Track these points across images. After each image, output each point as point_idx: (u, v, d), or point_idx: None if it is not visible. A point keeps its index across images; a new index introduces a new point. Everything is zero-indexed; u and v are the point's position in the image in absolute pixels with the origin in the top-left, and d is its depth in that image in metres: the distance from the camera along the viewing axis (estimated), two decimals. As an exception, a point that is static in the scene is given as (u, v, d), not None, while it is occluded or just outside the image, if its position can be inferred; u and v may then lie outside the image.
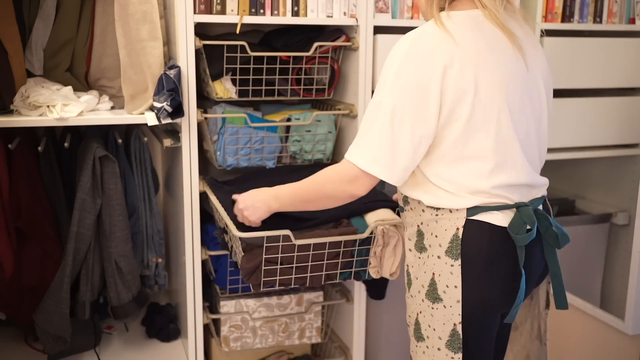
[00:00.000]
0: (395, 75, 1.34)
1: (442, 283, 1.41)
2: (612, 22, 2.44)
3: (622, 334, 2.06)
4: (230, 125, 2.06)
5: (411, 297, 1.50)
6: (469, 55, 1.33)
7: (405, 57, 1.34)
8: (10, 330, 2.29)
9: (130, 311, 2.11)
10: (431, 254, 1.43)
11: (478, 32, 1.37)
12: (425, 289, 1.44)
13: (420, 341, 1.47)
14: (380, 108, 1.34)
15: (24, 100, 1.90)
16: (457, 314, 1.39)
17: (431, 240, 1.43)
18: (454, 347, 1.41)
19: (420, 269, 1.46)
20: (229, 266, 2.11)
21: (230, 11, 1.96)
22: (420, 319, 1.46)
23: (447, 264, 1.39)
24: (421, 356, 1.47)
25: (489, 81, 1.33)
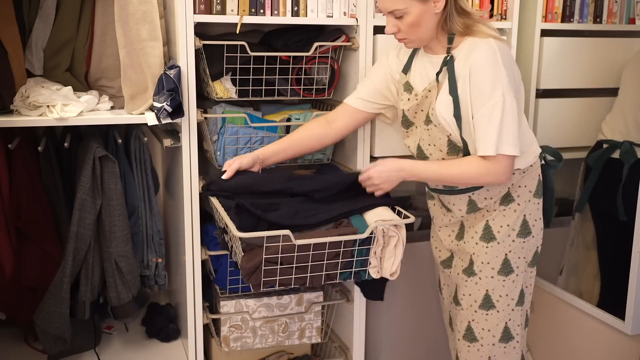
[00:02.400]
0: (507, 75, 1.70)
1: (531, 219, 1.86)
2: (612, 22, 2.44)
3: (622, 334, 2.06)
4: (230, 125, 2.05)
5: (497, 244, 1.84)
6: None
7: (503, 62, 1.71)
8: (10, 330, 2.29)
9: (130, 311, 2.11)
10: (521, 201, 1.85)
11: None
12: (516, 231, 1.85)
13: (510, 274, 1.86)
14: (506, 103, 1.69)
15: (24, 100, 1.90)
16: (540, 238, 1.92)
17: (519, 191, 1.85)
18: (533, 264, 1.92)
19: (507, 218, 1.84)
20: (229, 266, 2.11)
21: (230, 11, 1.96)
22: (510, 257, 1.85)
23: (535, 203, 1.88)
24: (509, 285, 1.86)
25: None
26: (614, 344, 2.10)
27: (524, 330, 1.95)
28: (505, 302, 1.87)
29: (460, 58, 1.74)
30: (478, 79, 1.70)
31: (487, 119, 1.69)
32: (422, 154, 1.89)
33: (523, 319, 1.93)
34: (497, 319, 1.87)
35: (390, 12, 1.74)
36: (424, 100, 1.82)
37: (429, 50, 1.84)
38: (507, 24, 2.27)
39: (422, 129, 1.85)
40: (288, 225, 1.74)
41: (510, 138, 1.69)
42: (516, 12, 2.27)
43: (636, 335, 2.03)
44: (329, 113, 2.05)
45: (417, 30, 1.75)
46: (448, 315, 2.06)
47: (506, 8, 2.26)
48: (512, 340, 1.89)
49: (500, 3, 2.25)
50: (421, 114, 1.85)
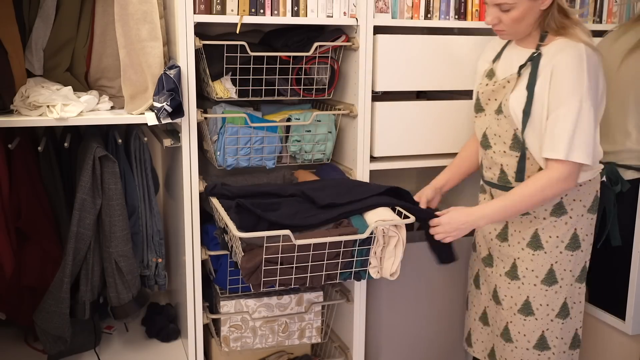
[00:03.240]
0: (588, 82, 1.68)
1: (582, 234, 1.85)
2: (612, 22, 2.44)
3: (622, 334, 2.06)
4: (230, 125, 2.05)
5: (544, 253, 1.84)
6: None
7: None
8: (10, 330, 2.29)
9: (130, 311, 2.11)
10: (573, 215, 1.83)
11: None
12: (565, 243, 1.84)
13: (553, 285, 1.85)
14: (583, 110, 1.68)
15: (24, 100, 1.90)
16: (589, 253, 1.91)
17: (573, 204, 1.83)
18: (582, 279, 1.91)
19: (557, 230, 1.83)
20: (229, 266, 2.11)
21: (230, 11, 1.96)
22: (555, 268, 1.85)
23: (588, 218, 1.86)
24: (551, 295, 1.86)
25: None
26: (614, 344, 2.10)
27: (566, 346, 1.91)
28: (544, 311, 1.87)
29: (547, 56, 1.73)
30: (559, 80, 1.69)
31: (560, 122, 1.68)
32: (486, 142, 1.90)
33: (567, 334, 1.91)
34: (534, 325, 1.87)
35: (496, 4, 1.73)
36: (500, 89, 1.83)
37: (520, 43, 1.85)
38: (507, 24, 2.27)
39: (492, 117, 1.85)
40: (288, 225, 1.74)
41: (581, 145, 1.68)
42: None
43: (636, 335, 2.03)
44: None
45: (518, 24, 1.75)
46: (483, 309, 2.05)
47: (506, 8, 2.26)
48: (547, 350, 1.88)
49: (500, 3, 2.25)
50: (494, 103, 1.85)
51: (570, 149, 1.68)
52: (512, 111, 1.78)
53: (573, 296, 1.89)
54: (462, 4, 2.20)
